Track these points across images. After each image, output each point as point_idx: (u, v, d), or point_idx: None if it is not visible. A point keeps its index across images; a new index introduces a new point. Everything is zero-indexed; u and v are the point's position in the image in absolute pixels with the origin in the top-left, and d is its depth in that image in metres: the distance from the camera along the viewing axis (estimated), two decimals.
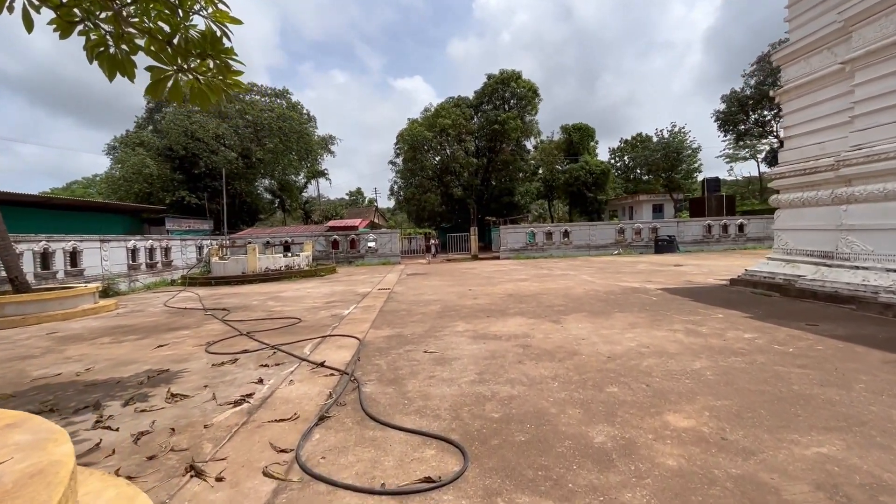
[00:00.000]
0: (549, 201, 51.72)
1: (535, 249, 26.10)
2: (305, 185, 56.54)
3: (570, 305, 8.14)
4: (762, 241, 27.12)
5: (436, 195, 31.42)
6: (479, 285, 12.37)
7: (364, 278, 16.44)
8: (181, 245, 20.43)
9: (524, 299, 9.21)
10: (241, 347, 6.10)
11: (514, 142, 31.33)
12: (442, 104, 31.68)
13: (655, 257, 21.75)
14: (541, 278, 13.51)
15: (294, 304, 10.16)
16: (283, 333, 6.94)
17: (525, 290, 10.63)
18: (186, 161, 34.12)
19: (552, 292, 10.07)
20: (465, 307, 8.63)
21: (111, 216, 27.37)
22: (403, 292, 11.60)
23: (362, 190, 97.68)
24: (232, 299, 11.81)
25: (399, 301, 10.00)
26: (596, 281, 11.86)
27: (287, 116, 37.39)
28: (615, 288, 10.27)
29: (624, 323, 6.41)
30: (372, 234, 25.93)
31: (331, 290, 12.97)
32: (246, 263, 17.46)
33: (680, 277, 11.82)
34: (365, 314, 8.38)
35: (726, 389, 3.64)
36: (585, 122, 43.97)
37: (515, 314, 7.58)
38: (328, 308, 9.36)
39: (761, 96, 34.19)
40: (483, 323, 6.95)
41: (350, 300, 10.46)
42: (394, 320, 7.62)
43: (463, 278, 14.80)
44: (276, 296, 12.03)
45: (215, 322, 8.30)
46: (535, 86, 31.05)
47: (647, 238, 26.61)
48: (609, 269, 15.89)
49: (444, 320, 7.37)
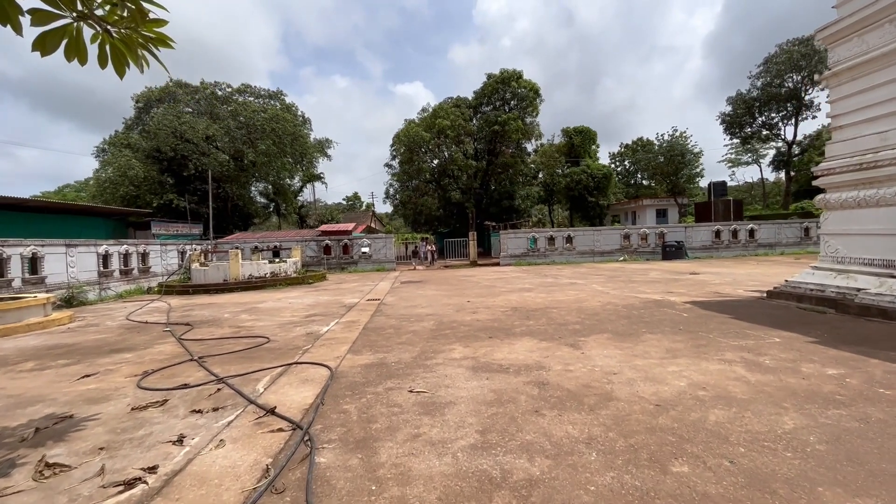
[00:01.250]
0: (549, 206, 50.63)
1: (536, 255, 24.90)
2: (301, 189, 55.38)
3: (588, 323, 6.92)
4: (773, 247, 25.99)
5: (433, 199, 30.20)
6: (478, 296, 11.15)
7: (354, 286, 15.21)
8: (161, 250, 19.17)
9: (532, 314, 7.99)
10: (184, 379, 4.87)
11: (515, 144, 30.20)
12: (440, 104, 30.53)
13: (665, 264, 20.55)
14: (547, 288, 12.29)
15: (269, 319, 8.92)
16: (243, 359, 5.71)
17: (531, 303, 9.41)
18: (175, 163, 32.93)
19: (563, 305, 8.85)
20: (462, 324, 7.41)
21: (93, 220, 26.12)
22: (394, 304, 10.37)
23: (360, 195, 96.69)
24: (203, 311, 10.57)
25: (388, 315, 8.77)
26: (610, 291, 10.65)
27: (280, 118, 36.26)
28: (634, 300, 9.05)
29: (660, 349, 5.19)
30: (366, 239, 24.71)
31: (315, 300, 11.73)
32: (228, 270, 16.21)
33: (703, 288, 10.62)
34: (346, 332, 7.15)
35: (858, 476, 2.41)
36: (587, 126, 42.98)
37: (523, 334, 6.36)
38: (306, 323, 8.13)
39: (769, 98, 33.25)
40: (485, 346, 5.73)
41: (333, 313, 9.23)
42: (378, 341, 6.39)
43: (461, 287, 13.58)
44: (253, 307, 10.79)
45: (170, 342, 7.06)
46: (537, 86, 29.95)
47: (654, 244, 25.44)
48: (619, 277, 14.69)
49: (438, 342, 6.15)
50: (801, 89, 32.15)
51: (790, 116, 33.87)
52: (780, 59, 32.05)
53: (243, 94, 39.68)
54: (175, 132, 31.19)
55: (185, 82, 36.33)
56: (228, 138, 34.61)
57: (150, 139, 32.23)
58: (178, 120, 31.44)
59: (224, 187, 36.67)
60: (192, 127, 31.69)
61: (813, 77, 31.03)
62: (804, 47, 30.91)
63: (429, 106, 31.50)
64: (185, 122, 31.57)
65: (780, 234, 26.28)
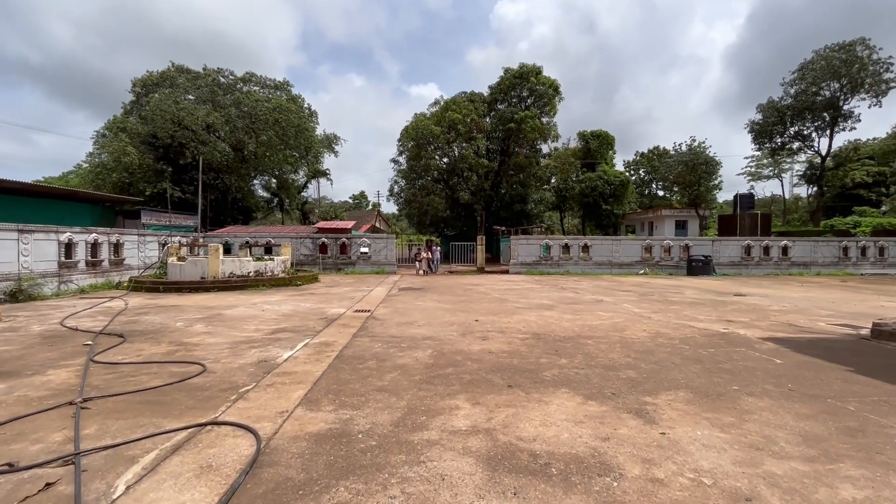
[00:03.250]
0: (561, 213, 48.61)
1: (549, 264, 22.94)
2: (305, 184, 53.84)
3: (646, 368, 5.00)
4: (808, 266, 23.82)
5: (441, 198, 28.27)
6: (488, 312, 9.24)
7: (345, 292, 13.35)
8: (139, 241, 17.47)
9: (561, 347, 6.07)
10: (29, 444, 3.03)
11: (530, 145, 28.26)
12: (453, 98, 28.57)
13: (695, 281, 18.52)
14: (570, 306, 10.35)
15: (226, 333, 7.08)
16: (147, 405, 3.87)
17: (556, 328, 7.49)
18: (172, 151, 31.36)
19: (599, 334, 6.92)
20: (469, 357, 5.52)
21: (79, 206, 24.55)
22: (386, 319, 8.49)
23: (366, 193, 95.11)
24: (156, 317, 8.76)
25: (374, 335, 6.89)
26: (651, 316, 8.69)
27: (285, 108, 34.61)
28: (690, 332, 7.10)
29: (789, 434, 3.26)
30: (365, 239, 22.90)
31: (294, 308, 9.89)
32: (206, 267, 14.44)
33: (767, 317, 8.62)
34: (311, 362, 5.28)
35: None
36: (605, 130, 41.00)
37: (557, 383, 4.45)
38: (266, 344, 6.27)
39: (803, 107, 31.05)
40: (503, 406, 3.84)
41: (307, 329, 7.36)
42: (350, 382, 4.51)
43: (467, 299, 11.68)
44: (217, 314, 8.96)
45: (75, 364, 5.25)
46: (557, 83, 27.90)
47: (678, 257, 23.39)
48: (651, 295, 12.71)
49: (435, 390, 4.26)
50: (840, 98, 29.96)
51: (825, 128, 31.65)
52: (818, 66, 29.89)
53: (248, 83, 38.14)
54: (173, 118, 29.62)
55: (186, 67, 34.88)
56: (229, 127, 33.02)
57: (146, 124, 30.71)
58: (177, 105, 29.87)
59: (223, 178, 35.11)
60: (190, 113, 30.11)
61: (854, 85, 28.91)
62: (845, 53, 28.77)
63: (441, 99, 29.72)
64: (183, 107, 30.00)
65: (815, 252, 24.13)
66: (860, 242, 24.30)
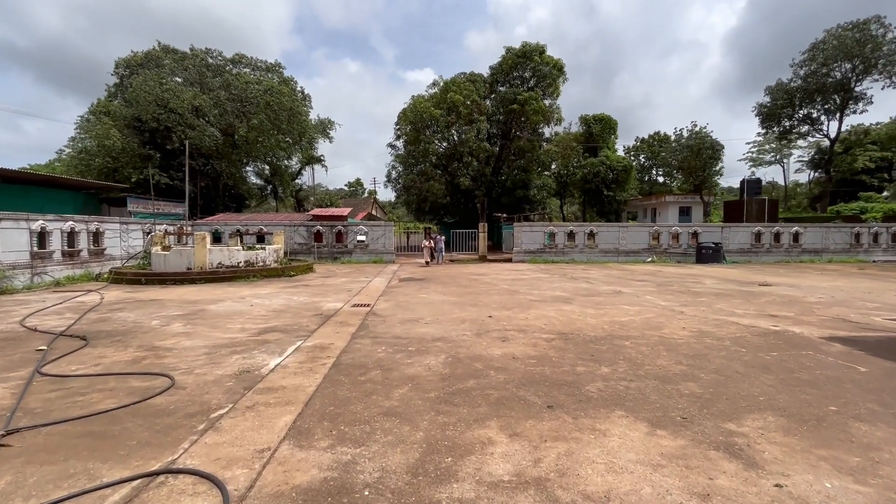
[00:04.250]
0: (562, 199, 47.65)
1: (553, 252, 22.09)
2: (300, 171, 52.45)
3: (708, 380, 4.16)
4: (819, 253, 23.11)
5: (440, 184, 27.18)
6: (501, 307, 8.38)
7: (342, 283, 12.45)
8: (121, 229, 16.43)
9: (597, 351, 5.22)
10: None
11: (533, 127, 27.14)
12: (453, 78, 27.24)
13: (708, 269, 17.74)
14: (588, 298, 9.52)
15: (206, 333, 6.18)
16: (84, 441, 2.98)
17: (583, 325, 6.64)
18: (158, 135, 30.03)
19: (633, 333, 6.08)
20: (491, 364, 4.66)
21: (61, 194, 23.37)
22: (388, 315, 7.61)
23: (362, 181, 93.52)
24: (133, 313, 7.85)
25: (376, 336, 6.01)
26: (684, 310, 7.85)
27: (277, 91, 33.20)
28: (737, 330, 6.26)
29: None
30: (363, 227, 21.93)
31: (286, 302, 8.99)
32: (192, 257, 13.47)
33: (811, 311, 7.81)
34: (302, 374, 4.40)
35: None
36: (608, 114, 39.86)
37: (608, 403, 3.60)
38: (251, 348, 5.38)
39: (813, 89, 30.01)
40: (550, 439, 2.98)
41: (299, 328, 6.48)
42: (349, 402, 3.64)
43: (474, 290, 10.82)
44: (199, 311, 8.04)
45: (17, 375, 4.34)
46: (561, 62, 26.58)
47: (686, 245, 22.60)
48: (670, 285, 11.90)
49: (457, 414, 3.40)
50: (852, 79, 28.94)
51: (835, 111, 30.69)
52: (829, 46, 28.79)
53: (238, 64, 36.61)
54: (158, 100, 28.23)
55: (172, 48, 33.31)
56: (218, 111, 31.64)
57: (130, 107, 29.33)
58: (162, 87, 28.45)
59: (213, 164, 33.82)
60: (177, 96, 28.72)
61: (867, 66, 27.89)
62: (858, 32, 27.67)
63: (440, 80, 28.35)
64: (169, 89, 28.59)
65: (827, 239, 23.40)
66: (872, 229, 23.59)
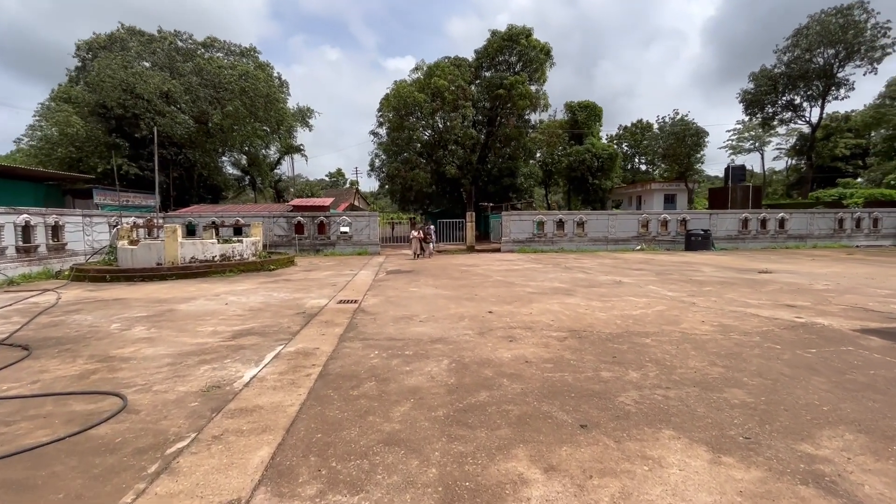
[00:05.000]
0: (546, 187, 47.34)
1: (543, 241, 21.65)
2: (278, 161, 50.82)
3: (755, 385, 3.65)
4: (804, 239, 23.26)
5: (425, 172, 26.33)
6: (499, 300, 7.80)
7: (326, 277, 11.70)
8: (84, 223, 15.26)
9: (617, 351, 4.68)
10: None
11: (519, 114, 26.48)
12: (437, 62, 26.28)
13: (698, 256, 17.54)
14: (590, 289, 9.02)
15: (173, 339, 5.43)
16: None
17: (593, 320, 6.11)
18: (125, 122, 28.37)
19: (652, 329, 5.57)
20: (502, 371, 4.06)
21: (19, 185, 21.77)
22: (378, 312, 6.95)
23: (343, 171, 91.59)
24: (91, 315, 7.00)
25: (367, 338, 5.36)
26: (695, 302, 7.39)
27: (252, 76, 31.69)
28: (760, 323, 5.81)
29: None
30: (346, 217, 21.06)
31: (265, 299, 8.23)
32: (163, 251, 12.50)
33: (828, 300, 7.43)
34: (284, 387, 3.72)
35: None
36: (593, 101, 39.47)
37: (650, 420, 3.05)
38: (223, 356, 4.67)
39: (797, 75, 30.07)
40: (596, 473, 2.40)
41: (280, 330, 5.77)
42: (341, 427, 2.99)
43: (467, 283, 10.22)
44: (168, 311, 7.24)
45: None
46: (549, 46, 25.85)
47: (675, 232, 22.45)
48: (669, 273, 11.52)
49: (474, 440, 2.79)
50: (835, 65, 29.08)
51: (817, 97, 30.87)
52: (813, 31, 28.82)
53: (210, 48, 34.85)
54: (123, 85, 26.54)
55: (139, 29, 31.42)
56: (190, 97, 30.02)
57: (93, 93, 27.55)
58: (127, 71, 26.75)
59: (186, 154, 32.25)
60: (144, 80, 27.06)
61: (849, 52, 28.01)
62: (842, 17, 27.73)
63: (423, 64, 27.34)
64: (135, 73, 26.91)
65: (811, 225, 23.56)
66: (855, 214, 23.83)
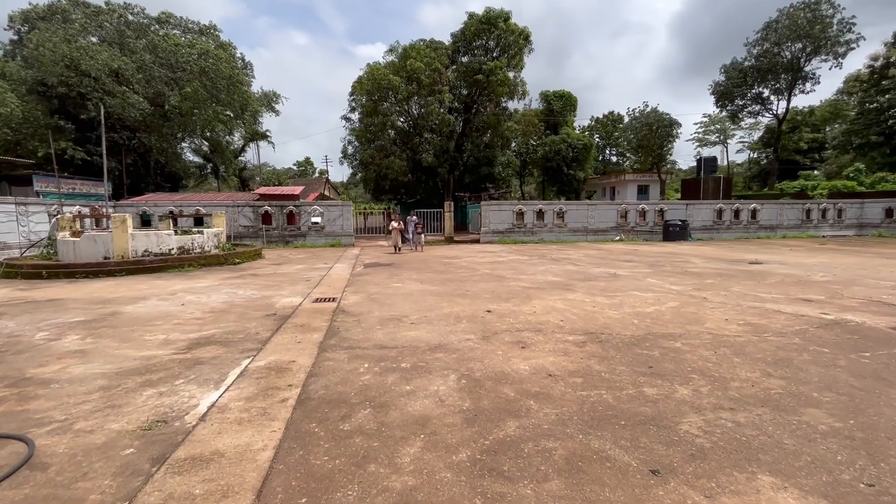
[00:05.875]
0: (521, 178, 47.05)
1: (523, 232, 21.16)
2: (243, 148, 48.34)
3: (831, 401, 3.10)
4: (774, 229, 23.76)
5: (401, 160, 25.25)
6: (496, 297, 7.10)
7: (297, 272, 10.70)
8: (18, 212, 13.56)
9: (646, 356, 4.06)
10: None
11: (497, 101, 25.73)
12: (412, 44, 25.06)
13: (680, 247, 17.46)
14: (587, 283, 8.46)
15: (110, 352, 4.43)
16: None
17: (607, 320, 5.50)
18: (70, 102, 25.90)
19: (676, 330, 5.00)
20: (527, 392, 3.35)
21: None
22: (362, 314, 6.10)
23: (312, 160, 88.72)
24: (14, 321, 5.85)
25: (353, 347, 4.53)
26: (706, 296, 6.92)
27: (212, 55, 29.55)
28: (788, 320, 5.35)
29: None
30: (318, 207, 19.86)
31: (228, 298, 7.22)
32: (111, 244, 11.14)
33: (838, 293, 7.13)
34: (253, 420, 2.87)
35: None
36: (568, 91, 39.21)
37: (731, 455, 2.41)
38: (174, 375, 3.75)
39: (766, 68, 30.65)
40: None
41: (246, 337, 4.85)
42: (332, 487, 2.20)
43: (454, 277, 9.48)
44: (112, 314, 6.15)
45: None
46: (528, 31, 25.04)
47: (653, 222, 22.42)
48: (662, 265, 11.15)
49: (521, 500, 2.05)
50: (802, 59, 29.78)
51: (783, 90, 31.63)
52: (782, 25, 29.36)
53: (164, 24, 32.31)
54: (66, 61, 24.10)
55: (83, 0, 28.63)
56: (143, 76, 27.70)
57: (31, 69, 24.94)
58: (70, 45, 24.29)
59: (140, 138, 29.90)
60: (90, 56, 24.67)
61: (816, 46, 28.69)
62: (809, 12, 28.32)
63: (398, 45, 26.06)
64: (80, 47, 24.48)
65: (781, 215, 24.09)
66: (822, 205, 24.53)
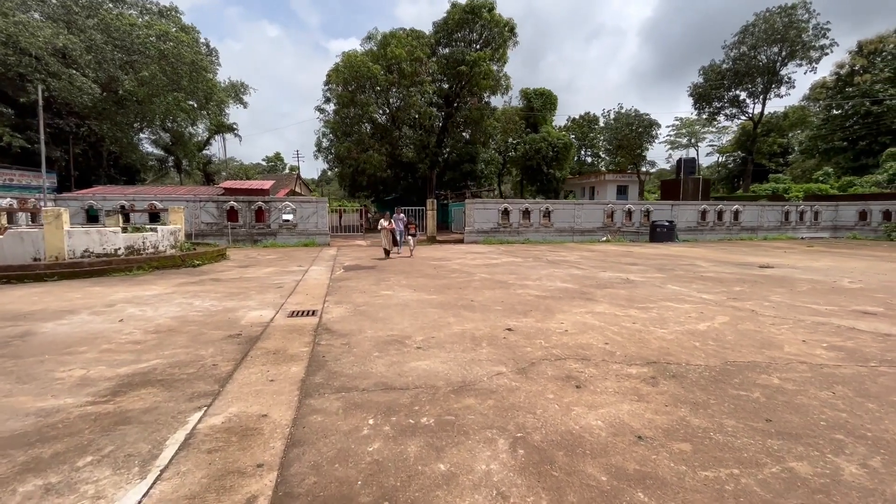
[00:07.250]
0: (500, 176, 46.36)
1: (508, 232, 20.25)
2: (207, 140, 45.59)
3: None
4: (755, 231, 23.81)
5: (380, 155, 23.84)
6: (509, 309, 6.02)
7: (268, 275, 9.31)
8: None
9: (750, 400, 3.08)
10: None
11: (480, 95, 24.73)
12: (393, 31, 23.60)
13: (671, 248, 16.94)
14: (605, 290, 7.51)
15: (0, 399, 3.06)
16: None
17: (658, 341, 4.51)
18: (6, 83, 23.26)
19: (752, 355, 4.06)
20: (621, 470, 2.27)
21: None
22: (351, 334, 4.89)
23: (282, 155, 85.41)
24: None
25: (347, 391, 3.33)
26: (755, 309, 6.06)
27: (173, 37, 27.25)
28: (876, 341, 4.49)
29: None
30: (290, 203, 18.31)
31: (181, 311, 5.84)
32: (42, 242, 9.42)
33: (888, 302, 6.43)
34: None
35: None
36: (548, 89, 38.71)
37: None
38: (80, 446, 2.46)
39: (743, 71, 30.95)
40: None
41: (199, 375, 3.57)
42: None
43: (449, 283, 8.35)
44: (21, 335, 4.71)
45: None
46: (513, 22, 24.13)
47: (639, 223, 21.98)
48: (671, 269, 10.37)
49: None
50: (777, 63, 30.21)
51: (759, 94, 32.08)
52: (759, 28, 29.68)
53: (119, 3, 29.72)
54: (1, 36, 21.52)
55: None
56: (93, 57, 25.19)
57: None
58: (6, 19, 21.70)
59: (90, 126, 27.32)
60: (30, 32, 22.13)
61: (792, 50, 29.13)
62: (785, 16, 28.70)
63: (377, 32, 24.55)
64: (18, 22, 21.92)
65: (761, 217, 24.19)
66: (799, 207, 24.78)
